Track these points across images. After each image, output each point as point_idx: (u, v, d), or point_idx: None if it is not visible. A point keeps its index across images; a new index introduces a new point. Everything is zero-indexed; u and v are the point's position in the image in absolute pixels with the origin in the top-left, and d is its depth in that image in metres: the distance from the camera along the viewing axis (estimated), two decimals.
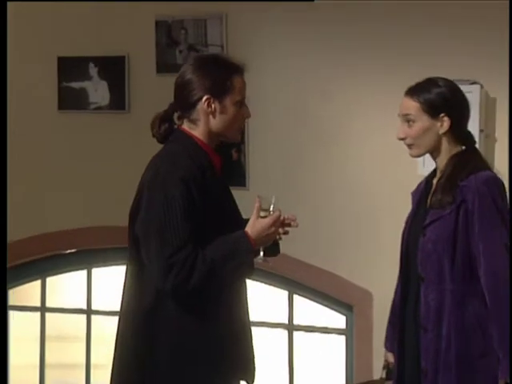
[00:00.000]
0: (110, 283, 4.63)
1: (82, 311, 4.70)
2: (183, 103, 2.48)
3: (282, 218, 2.49)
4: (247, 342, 2.54)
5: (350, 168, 4.10)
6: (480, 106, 3.66)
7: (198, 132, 2.48)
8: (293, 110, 4.18)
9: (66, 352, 4.82)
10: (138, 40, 4.41)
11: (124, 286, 2.53)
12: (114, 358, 2.53)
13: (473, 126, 3.24)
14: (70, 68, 4.51)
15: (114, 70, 4.45)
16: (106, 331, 4.63)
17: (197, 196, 2.39)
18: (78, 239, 4.58)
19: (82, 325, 4.69)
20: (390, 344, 2.86)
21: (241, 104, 2.49)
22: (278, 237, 2.53)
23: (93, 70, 4.48)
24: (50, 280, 4.76)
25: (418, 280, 2.67)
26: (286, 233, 2.56)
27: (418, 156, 2.75)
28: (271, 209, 2.45)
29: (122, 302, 2.53)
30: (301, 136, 4.17)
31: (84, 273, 4.69)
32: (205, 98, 2.44)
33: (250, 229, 2.42)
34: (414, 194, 2.83)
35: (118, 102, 4.45)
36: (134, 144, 4.43)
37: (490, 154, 3.70)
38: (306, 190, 4.12)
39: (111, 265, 4.63)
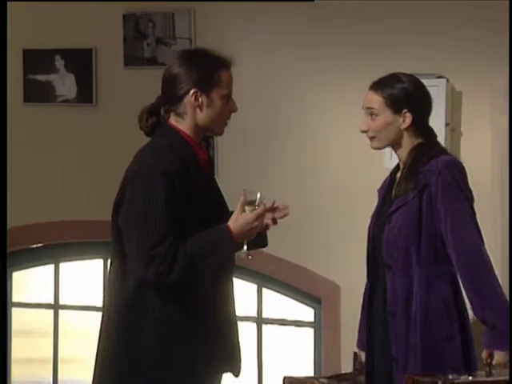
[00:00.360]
0: (77, 278, 4.61)
1: (49, 306, 4.67)
2: (170, 96, 2.49)
3: (274, 206, 2.52)
4: (233, 336, 2.55)
5: (319, 162, 4.11)
6: (446, 100, 3.68)
7: (184, 126, 2.48)
8: (262, 104, 4.18)
9: (33, 347, 4.79)
10: (105, 33, 4.38)
11: (108, 281, 2.53)
12: (97, 353, 2.53)
13: (439, 120, 3.27)
14: (36, 60, 4.46)
15: (81, 62, 4.41)
16: (74, 326, 4.61)
17: (180, 190, 2.39)
18: (45, 233, 4.55)
19: (50, 319, 4.66)
20: (361, 343, 2.87)
21: (227, 98, 2.50)
22: (267, 223, 2.52)
23: (59, 63, 4.44)
24: (16, 275, 4.72)
25: (385, 269, 2.68)
26: (275, 222, 2.55)
27: (379, 148, 2.79)
28: (257, 203, 2.46)
29: (105, 296, 2.54)
30: (270, 130, 4.17)
31: (51, 267, 4.66)
32: (192, 91, 2.45)
33: (233, 223, 2.44)
34: (379, 190, 2.86)
35: (86, 95, 4.41)
36: (101, 137, 4.41)
37: (455, 148, 3.73)
38: (275, 185, 4.11)
39: (79, 259, 4.60)
